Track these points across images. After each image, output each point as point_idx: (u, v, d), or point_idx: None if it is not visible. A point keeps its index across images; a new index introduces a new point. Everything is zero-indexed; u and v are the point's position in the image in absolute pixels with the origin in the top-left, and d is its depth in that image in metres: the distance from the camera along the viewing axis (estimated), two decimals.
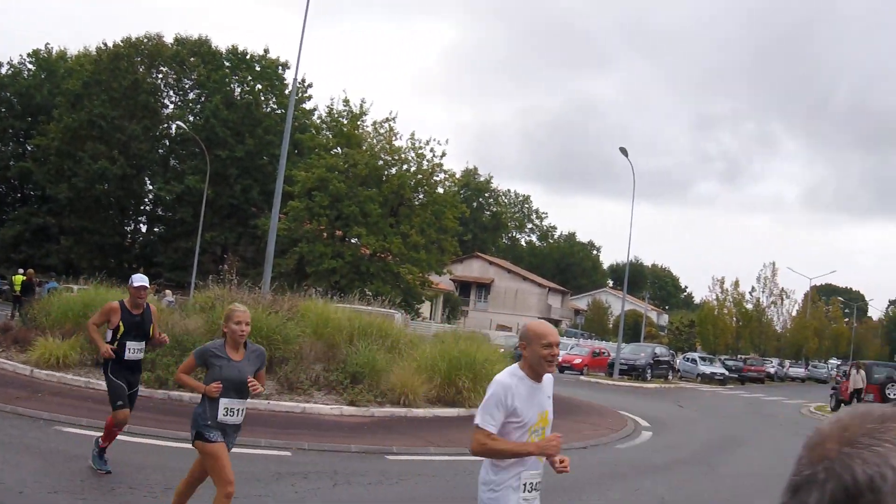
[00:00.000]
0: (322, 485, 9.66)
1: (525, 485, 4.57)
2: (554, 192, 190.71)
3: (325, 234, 47.87)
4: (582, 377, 42.48)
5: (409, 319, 37.13)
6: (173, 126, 63.81)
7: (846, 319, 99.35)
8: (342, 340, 17.88)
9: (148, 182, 66.86)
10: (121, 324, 8.90)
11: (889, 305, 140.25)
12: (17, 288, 33.24)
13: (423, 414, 15.80)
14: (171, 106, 67.44)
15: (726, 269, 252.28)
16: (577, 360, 46.48)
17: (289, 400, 15.20)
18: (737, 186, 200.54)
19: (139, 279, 9.24)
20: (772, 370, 65.35)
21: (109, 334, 8.98)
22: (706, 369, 51.10)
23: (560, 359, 45.41)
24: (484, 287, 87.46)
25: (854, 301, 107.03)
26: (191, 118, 62.99)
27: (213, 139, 58.21)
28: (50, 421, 11.89)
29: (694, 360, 53.23)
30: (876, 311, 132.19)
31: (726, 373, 52.50)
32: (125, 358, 8.91)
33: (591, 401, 25.38)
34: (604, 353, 49.37)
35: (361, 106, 50.42)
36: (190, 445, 6.79)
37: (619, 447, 16.14)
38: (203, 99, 64.44)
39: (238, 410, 6.55)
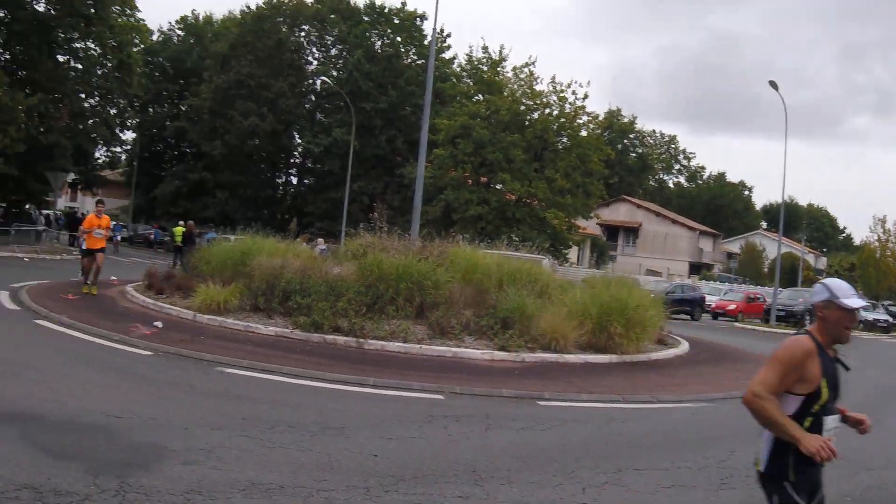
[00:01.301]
0: (474, 428, 9.64)
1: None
2: (700, 132, 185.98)
3: (469, 181, 47.96)
4: (736, 324, 41.56)
5: (557, 265, 36.89)
6: (318, 81, 65.22)
7: None
8: (491, 286, 17.89)
9: (296, 136, 68.93)
10: (823, 385, 4.32)
11: None
12: (178, 239, 34.83)
13: (574, 360, 15.65)
14: (315, 62, 69.37)
15: (888, 207, 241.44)
16: (732, 306, 45.39)
17: (440, 344, 15.31)
18: (892, 119, 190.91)
19: (848, 292, 4.74)
20: None
21: (793, 405, 4.38)
22: (868, 315, 48.62)
23: (713, 304, 44.63)
24: (632, 231, 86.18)
25: None
26: (334, 73, 64.20)
27: (356, 92, 59.11)
28: (212, 362, 12.40)
29: None
30: None
31: (890, 319, 50.11)
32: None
33: (746, 348, 24.74)
34: (759, 298, 48.06)
35: (500, 52, 50.28)
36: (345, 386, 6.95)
37: None
38: (345, 54, 65.86)
39: None
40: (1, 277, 22.63)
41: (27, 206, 56.78)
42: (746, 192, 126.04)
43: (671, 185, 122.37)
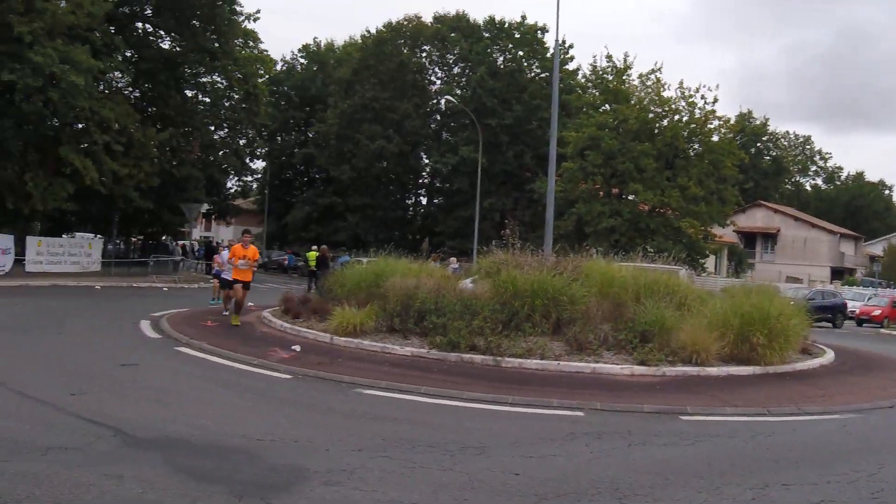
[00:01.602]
0: (617, 445, 9.50)
1: None
2: (835, 131, 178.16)
3: (601, 193, 47.54)
4: (882, 330, 40.13)
5: (695, 275, 36.11)
6: (442, 101, 65.72)
7: None
8: (628, 299, 17.61)
9: (423, 156, 69.62)
10: None
11: None
12: (312, 263, 35.36)
13: (716, 373, 15.24)
14: (438, 82, 69.81)
15: None
16: (877, 312, 43.75)
17: (578, 360, 15.12)
18: None
19: None
20: None
21: None
22: None
23: (857, 310, 43.05)
24: (770, 237, 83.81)
25: None
26: (458, 91, 64.37)
27: (481, 109, 59.30)
28: (350, 384, 12.57)
29: None
30: None
31: None
32: None
33: (894, 356, 23.73)
34: None
35: (625, 60, 49.60)
36: (483, 405, 6.85)
37: None
38: (468, 71, 66.07)
39: None
40: (142, 307, 23.55)
41: (164, 238, 59.00)
42: (887, 192, 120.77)
43: (808, 188, 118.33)
